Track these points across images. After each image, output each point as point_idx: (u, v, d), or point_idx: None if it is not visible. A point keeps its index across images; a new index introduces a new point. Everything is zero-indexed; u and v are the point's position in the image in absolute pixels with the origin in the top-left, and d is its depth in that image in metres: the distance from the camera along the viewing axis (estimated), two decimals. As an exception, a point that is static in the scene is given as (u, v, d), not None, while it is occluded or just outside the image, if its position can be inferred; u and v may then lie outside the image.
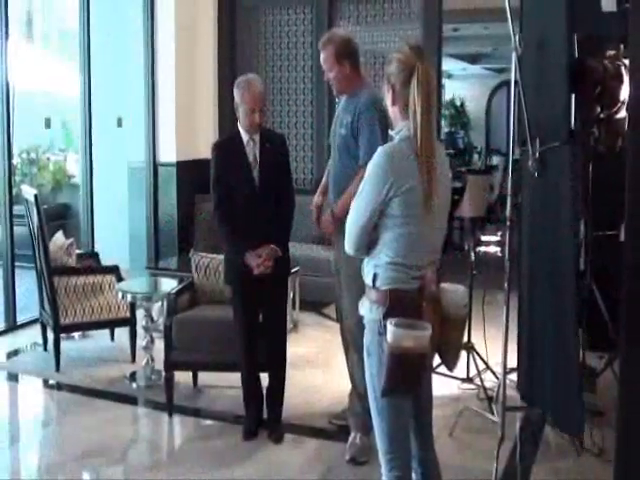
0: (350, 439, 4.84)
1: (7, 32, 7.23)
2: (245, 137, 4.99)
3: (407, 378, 3.09)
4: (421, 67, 3.11)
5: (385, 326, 3.07)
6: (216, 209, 5.03)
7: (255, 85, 4.97)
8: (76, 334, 7.05)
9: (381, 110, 4.37)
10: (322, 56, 4.81)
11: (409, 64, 3.14)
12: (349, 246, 3.27)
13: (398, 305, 3.12)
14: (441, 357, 3.39)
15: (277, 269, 4.94)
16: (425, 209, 3.10)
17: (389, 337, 3.02)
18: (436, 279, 3.27)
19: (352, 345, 4.76)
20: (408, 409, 3.31)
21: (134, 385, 6.04)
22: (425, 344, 3.05)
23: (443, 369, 3.61)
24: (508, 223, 4.62)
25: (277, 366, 5.14)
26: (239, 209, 4.95)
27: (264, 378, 5.18)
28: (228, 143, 5.17)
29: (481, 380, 5.64)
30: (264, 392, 5.20)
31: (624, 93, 4.69)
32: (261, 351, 5.10)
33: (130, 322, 6.53)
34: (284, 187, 5.07)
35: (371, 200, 3.12)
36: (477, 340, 5.81)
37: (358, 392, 4.71)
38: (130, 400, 5.81)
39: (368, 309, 3.23)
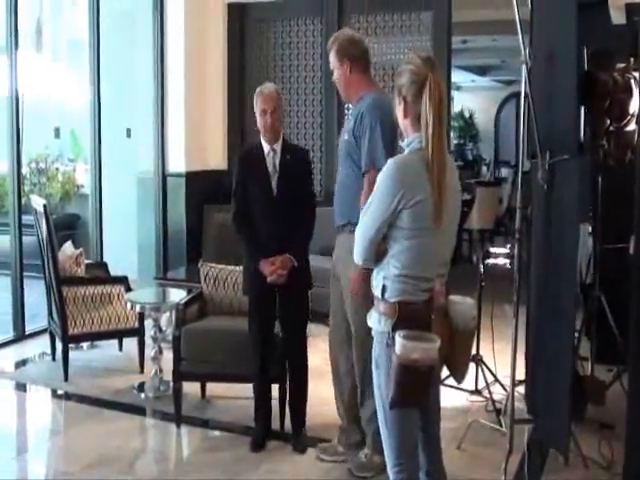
0: (360, 452, 4.82)
1: (17, 42, 7.26)
2: (266, 147, 5.01)
3: (415, 390, 3.09)
4: (433, 78, 3.10)
5: (394, 338, 3.07)
6: (234, 218, 5.06)
7: (267, 88, 5.02)
8: (84, 344, 7.05)
9: (386, 114, 4.26)
10: (330, 54, 4.69)
11: (421, 75, 3.12)
12: (357, 256, 3.27)
13: (407, 317, 3.12)
14: (449, 369, 3.39)
15: (296, 280, 4.92)
16: (435, 222, 3.10)
17: (397, 349, 3.02)
18: (445, 291, 3.27)
19: (362, 358, 4.58)
20: (416, 421, 3.30)
21: (142, 395, 6.03)
22: (434, 356, 3.05)
23: (451, 381, 3.61)
24: (517, 235, 4.62)
25: (299, 378, 5.13)
26: (257, 218, 4.97)
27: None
28: (249, 153, 5.20)
29: (490, 392, 5.62)
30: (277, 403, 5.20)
31: (634, 106, 4.70)
32: (274, 363, 5.10)
33: (138, 332, 6.52)
34: (305, 199, 5.04)
35: (381, 212, 3.12)
36: (486, 352, 5.80)
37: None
38: (138, 411, 5.81)
39: (377, 321, 3.23)
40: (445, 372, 3.42)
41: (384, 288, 3.19)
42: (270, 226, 4.92)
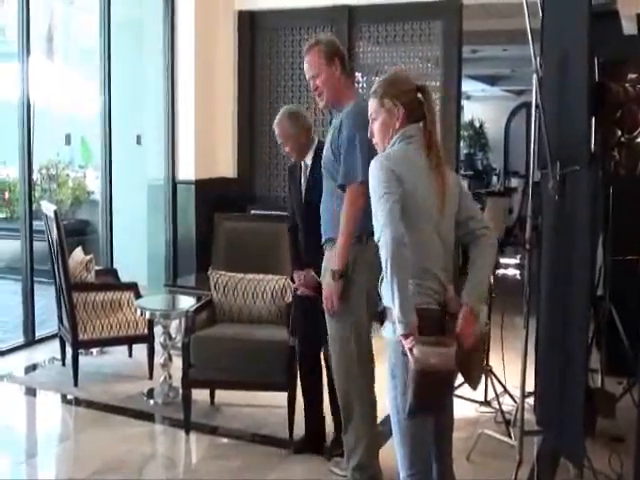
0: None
1: (28, 49, 7.30)
2: (303, 162, 5.06)
3: (434, 395, 3.10)
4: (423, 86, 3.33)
5: (410, 346, 3.07)
6: (287, 229, 5.20)
7: (278, 116, 5.12)
8: (94, 350, 7.07)
9: (367, 122, 3.99)
10: (307, 61, 4.41)
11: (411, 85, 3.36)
12: (390, 271, 3.05)
13: (422, 323, 3.10)
14: (463, 375, 3.37)
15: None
16: (438, 207, 3.20)
17: (416, 355, 3.01)
18: (456, 297, 3.27)
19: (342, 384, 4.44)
20: (430, 431, 3.30)
21: (151, 402, 6.04)
22: (451, 360, 3.05)
23: (461, 391, 3.60)
24: (527, 246, 4.61)
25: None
26: (300, 230, 5.01)
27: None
28: (293, 167, 5.24)
29: (499, 403, 5.61)
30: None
31: (645, 117, 4.69)
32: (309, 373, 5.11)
33: (148, 339, 6.54)
34: None
35: (389, 203, 3.08)
36: (495, 363, 5.79)
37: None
38: (147, 417, 5.81)
39: (391, 330, 3.20)
40: (457, 381, 3.41)
41: (396, 297, 3.19)
42: (304, 238, 4.93)
